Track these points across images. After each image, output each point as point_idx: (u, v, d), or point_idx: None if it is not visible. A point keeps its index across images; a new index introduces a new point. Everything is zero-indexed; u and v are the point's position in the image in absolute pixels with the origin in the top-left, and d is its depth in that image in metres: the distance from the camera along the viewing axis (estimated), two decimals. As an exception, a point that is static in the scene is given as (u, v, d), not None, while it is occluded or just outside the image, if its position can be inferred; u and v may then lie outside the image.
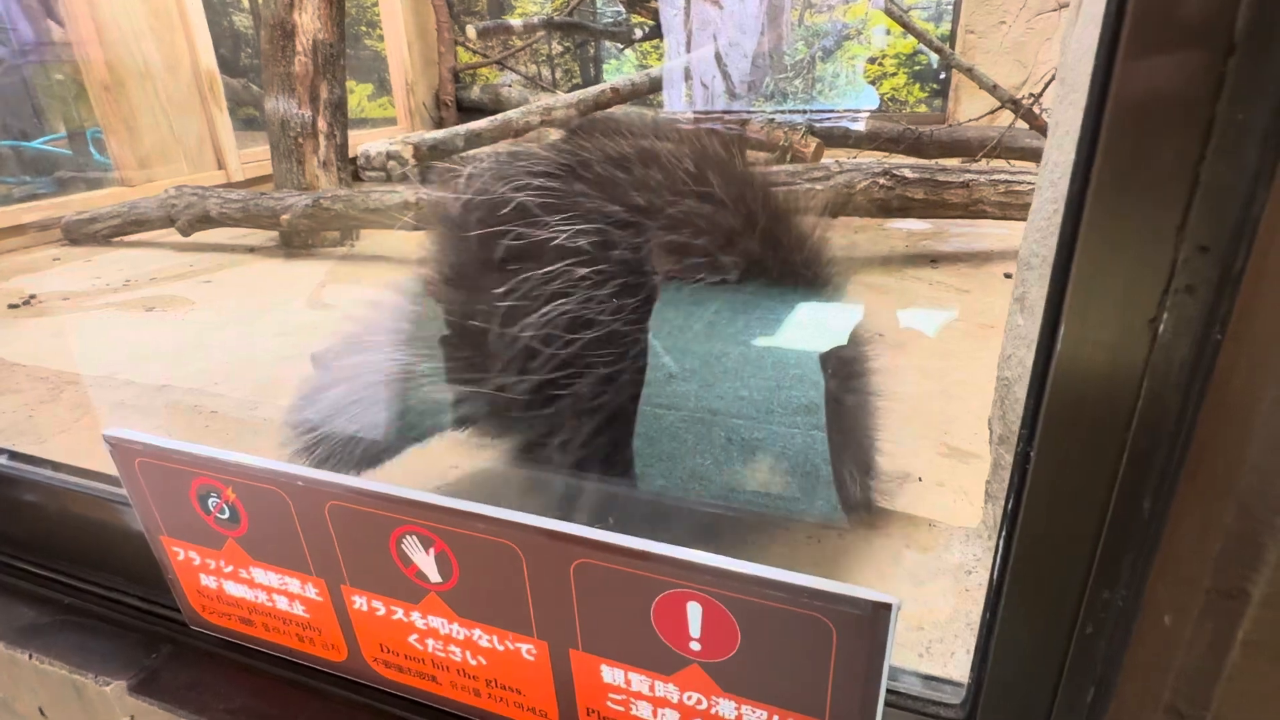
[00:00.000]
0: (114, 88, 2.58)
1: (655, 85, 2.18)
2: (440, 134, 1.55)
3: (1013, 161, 2.46)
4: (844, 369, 0.88)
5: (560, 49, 4.26)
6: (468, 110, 4.02)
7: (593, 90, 1.79)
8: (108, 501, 0.66)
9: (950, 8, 3.55)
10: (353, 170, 3.06)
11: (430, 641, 0.51)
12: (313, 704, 0.56)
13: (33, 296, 1.78)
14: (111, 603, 0.67)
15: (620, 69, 4.51)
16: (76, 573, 0.70)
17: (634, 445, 0.97)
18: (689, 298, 0.97)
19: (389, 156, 3.37)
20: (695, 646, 0.41)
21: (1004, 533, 0.33)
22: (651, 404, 0.99)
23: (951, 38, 3.44)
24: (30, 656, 0.62)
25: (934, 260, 1.87)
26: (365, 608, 0.52)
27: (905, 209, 1.82)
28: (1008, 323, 0.54)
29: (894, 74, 3.72)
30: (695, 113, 1.93)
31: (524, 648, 0.47)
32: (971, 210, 1.80)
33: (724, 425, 1.03)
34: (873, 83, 3.70)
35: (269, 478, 0.49)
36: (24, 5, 3.44)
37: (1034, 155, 2.49)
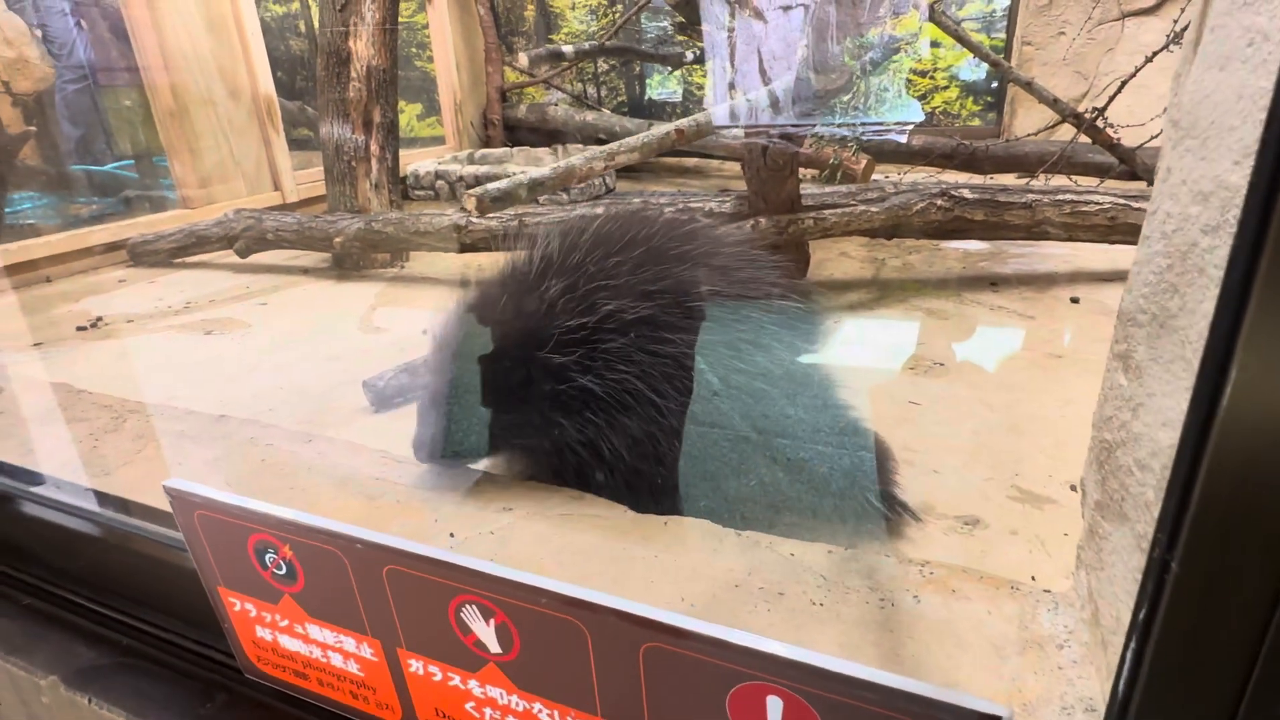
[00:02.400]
0: (179, 113, 2.68)
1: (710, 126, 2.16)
2: (504, 185, 1.54)
3: (1075, 178, 2.37)
4: None
5: (606, 67, 4.28)
6: (514, 129, 4.06)
7: (657, 133, 1.77)
8: (168, 545, 0.66)
9: (1003, 18, 3.46)
10: (402, 189, 3.11)
11: (488, 710, 0.49)
12: (366, 766, 0.54)
13: (99, 319, 1.83)
14: (168, 645, 0.67)
15: (664, 85, 4.51)
16: (135, 613, 0.70)
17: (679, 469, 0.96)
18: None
19: (437, 176, 3.43)
20: (774, 742, 0.38)
21: (1133, 645, 0.29)
22: (696, 423, 0.98)
23: (1007, 49, 3.35)
24: (90, 701, 0.62)
25: (994, 283, 1.81)
26: (422, 671, 0.50)
27: (963, 230, 1.76)
28: (1106, 380, 0.50)
29: (945, 87, 3.64)
30: (745, 128, 1.90)
31: (586, 726, 0.45)
32: (1034, 232, 1.73)
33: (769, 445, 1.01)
34: (922, 97, 3.63)
35: (326, 538, 0.48)
36: (97, 35, 3.61)
37: (1098, 171, 2.39)
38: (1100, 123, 2.23)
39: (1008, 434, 1.11)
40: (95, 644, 0.68)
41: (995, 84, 3.55)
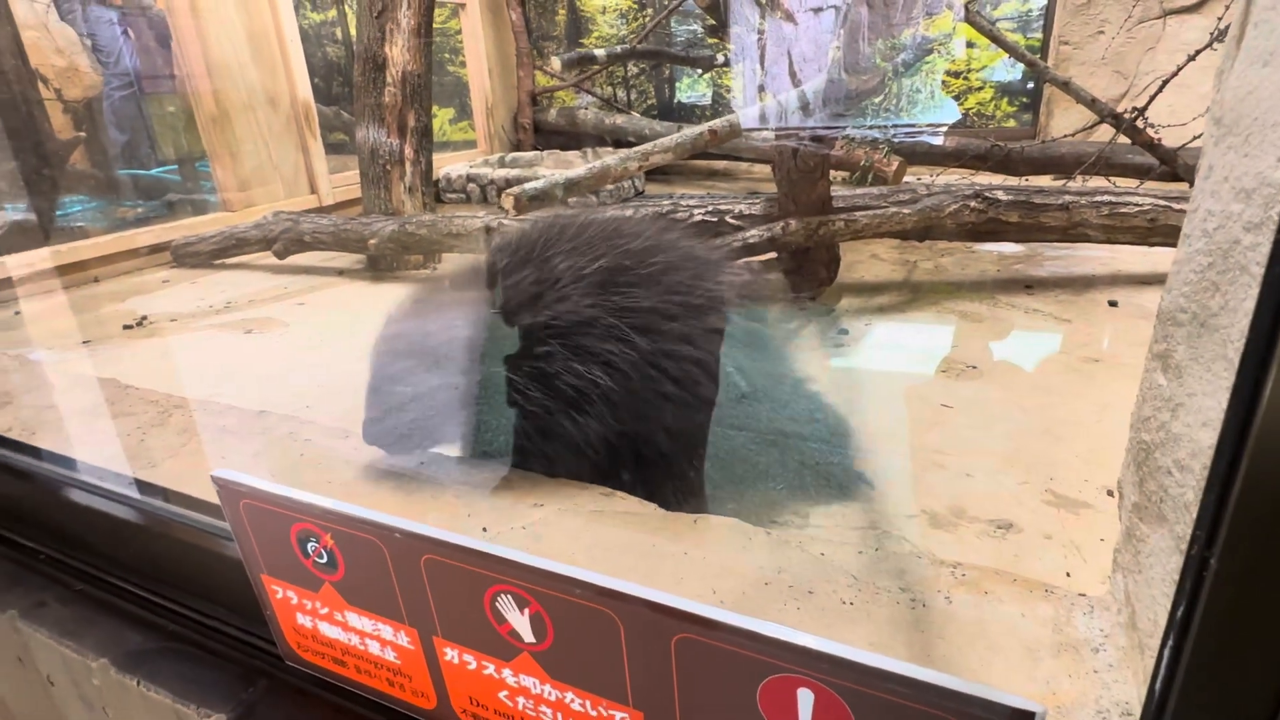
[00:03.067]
0: (220, 119, 2.75)
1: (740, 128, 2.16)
2: (541, 184, 1.57)
3: (1113, 180, 2.33)
4: None
5: (635, 71, 4.30)
6: (544, 132, 4.10)
7: (690, 134, 1.78)
8: (212, 534, 0.68)
9: (1039, 17, 3.41)
10: (435, 193, 3.16)
11: (521, 699, 0.50)
12: (402, 751, 0.56)
13: (144, 318, 1.89)
14: (211, 631, 0.69)
15: (693, 88, 4.51)
16: (180, 600, 0.73)
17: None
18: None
19: (469, 179, 3.47)
20: (804, 734, 0.39)
21: (1171, 642, 0.29)
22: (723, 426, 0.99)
23: (1043, 49, 3.30)
24: (138, 683, 0.64)
25: (1029, 286, 1.78)
26: (457, 660, 0.51)
27: (997, 232, 1.73)
28: (1145, 380, 0.50)
29: (979, 88, 3.59)
30: (776, 130, 1.90)
31: (618, 715, 0.46)
32: (1071, 234, 1.70)
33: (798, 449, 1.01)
34: (956, 98, 3.58)
35: (367, 528, 0.50)
36: (143, 44, 3.72)
37: (1137, 172, 2.34)
38: (1140, 123, 2.19)
39: (1042, 438, 1.09)
40: (143, 629, 0.70)
41: (1031, 84, 3.49)
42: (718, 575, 0.65)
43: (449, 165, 3.53)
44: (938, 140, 2.95)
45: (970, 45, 3.41)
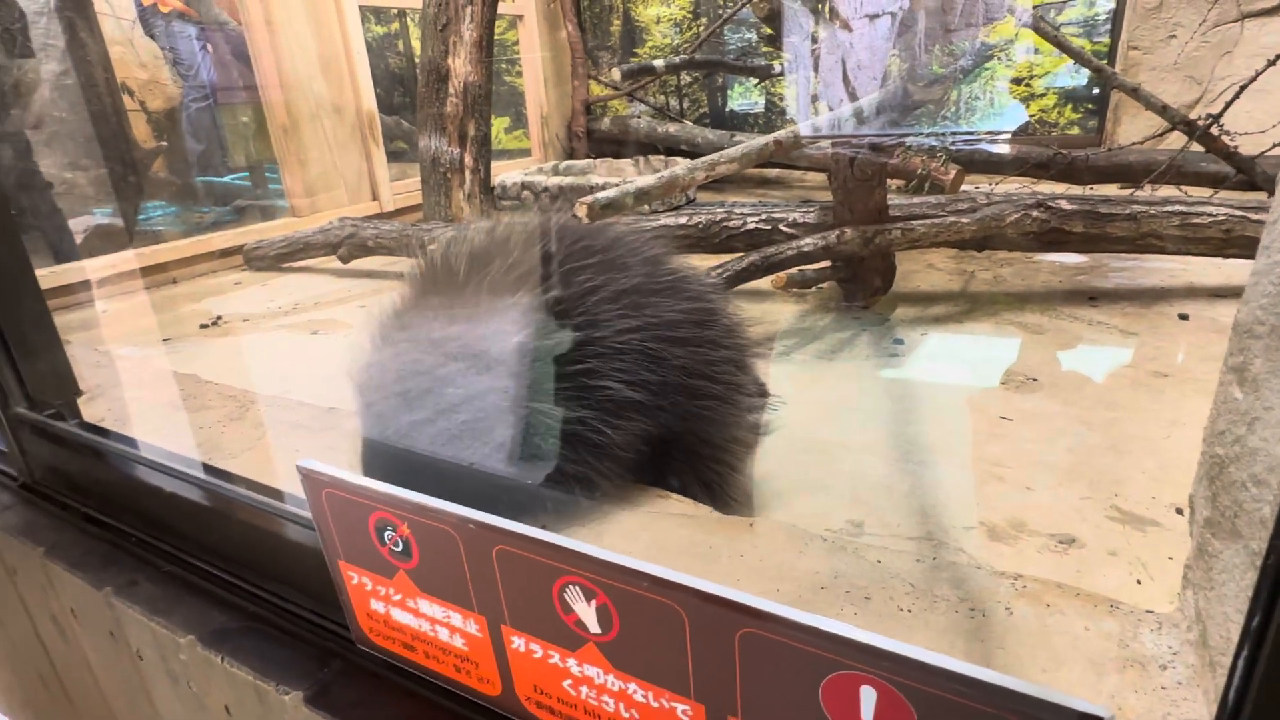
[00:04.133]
0: (290, 128, 2.87)
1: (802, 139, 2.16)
2: (612, 194, 1.60)
3: (1185, 189, 2.24)
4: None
5: (688, 79, 4.32)
6: (597, 141, 4.16)
7: (756, 144, 1.80)
8: (291, 522, 0.72)
9: (1106, 22, 3.31)
10: (491, 199, 3.23)
11: (584, 689, 0.52)
12: (468, 735, 0.58)
13: (219, 318, 1.99)
14: (288, 614, 0.73)
15: (745, 96, 4.51)
16: (259, 583, 0.77)
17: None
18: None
19: (523, 186, 3.54)
20: (866, 732, 0.39)
21: (1244, 661, 0.29)
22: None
23: (1111, 54, 3.20)
24: (222, 659, 0.68)
25: (1093, 298, 1.73)
26: (523, 648, 0.53)
27: (1060, 242, 1.69)
28: (1219, 393, 0.49)
29: (1042, 94, 3.50)
30: (838, 138, 1.89)
31: (680, 708, 0.47)
32: (1139, 245, 1.65)
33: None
34: (1022, 101, 3.50)
35: (443, 518, 0.52)
36: (220, 58, 3.91)
37: (1211, 181, 2.25)
38: (1215, 130, 2.11)
39: (1107, 453, 1.06)
40: (226, 609, 0.75)
41: (1096, 90, 3.39)
42: (774, 578, 0.66)
43: (504, 173, 3.62)
44: (998, 148, 2.89)
45: (1035, 51, 3.34)
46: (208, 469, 0.86)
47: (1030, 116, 3.54)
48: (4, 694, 1.38)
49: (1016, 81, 3.46)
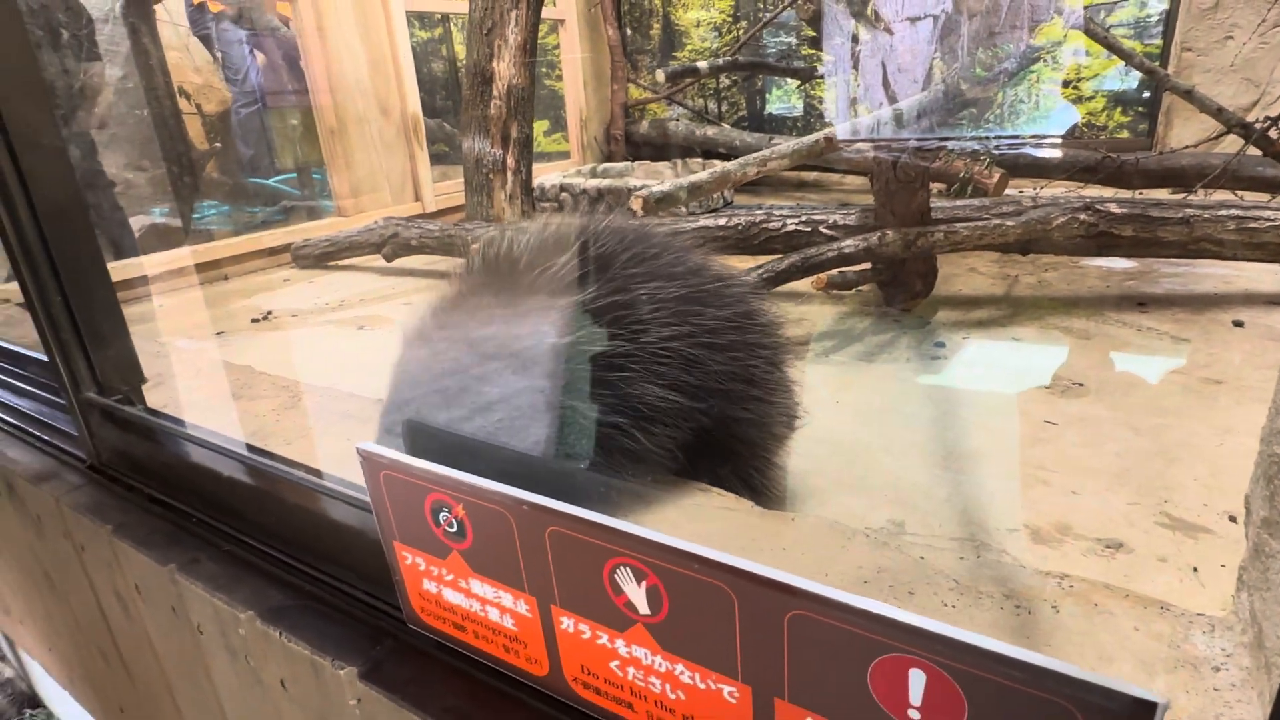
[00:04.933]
0: (338, 130, 2.95)
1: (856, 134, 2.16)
2: (667, 187, 1.62)
3: (1240, 194, 2.18)
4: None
5: (727, 82, 4.32)
6: (636, 144, 4.18)
7: (807, 141, 1.80)
8: (345, 504, 0.75)
9: (1158, 23, 3.23)
10: (531, 201, 3.28)
11: (631, 670, 0.53)
12: (516, 713, 0.60)
13: (269, 313, 2.06)
14: (342, 593, 0.76)
15: (784, 99, 4.50)
16: (313, 563, 0.80)
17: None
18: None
19: (562, 188, 3.58)
20: (914, 715, 0.40)
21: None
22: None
23: (1163, 56, 3.12)
24: (281, 634, 0.71)
25: (1142, 303, 1.69)
26: (572, 629, 0.55)
27: (1109, 247, 1.66)
28: (1279, 392, 0.48)
29: (1090, 97, 3.43)
30: (874, 143, 1.88)
31: (726, 689, 0.48)
32: (1190, 249, 1.61)
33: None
34: (1081, 98, 3.43)
35: (497, 500, 0.54)
36: (270, 62, 4.03)
37: (1269, 186, 2.19)
38: (1274, 133, 2.04)
39: (1156, 459, 1.04)
40: (283, 587, 0.78)
41: (1147, 93, 3.31)
42: (817, 571, 0.67)
43: (543, 175, 3.66)
44: (1045, 153, 2.84)
45: (1085, 54, 3.27)
46: (264, 454, 0.89)
47: (1076, 120, 3.47)
48: (65, 667, 1.44)
49: (1064, 84, 3.39)
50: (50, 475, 1.07)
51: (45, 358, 1.05)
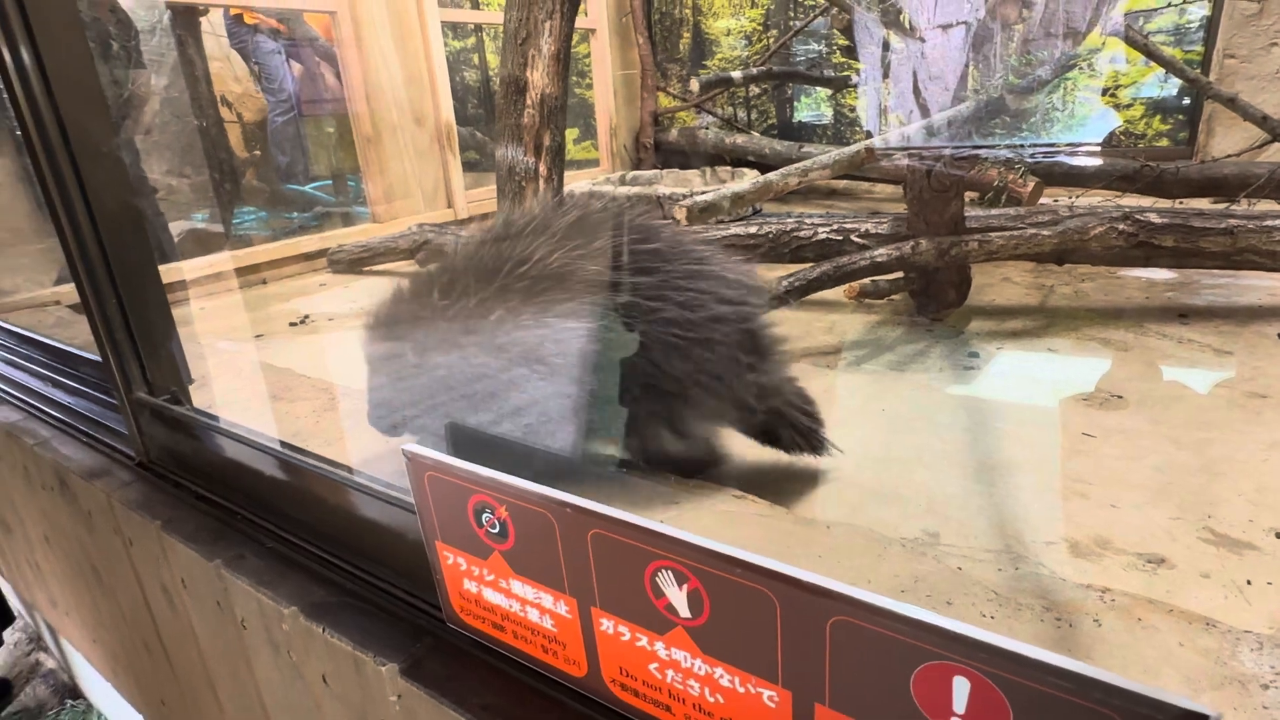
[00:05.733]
0: (374, 139, 3.01)
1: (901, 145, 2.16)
2: (710, 197, 1.64)
3: (1286, 203, 2.13)
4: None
5: (757, 91, 4.32)
6: (665, 151, 4.20)
7: (848, 151, 1.81)
8: (387, 503, 0.76)
9: (1199, 30, 3.17)
10: (560, 209, 3.31)
11: (670, 672, 0.54)
12: (554, 712, 0.61)
13: (306, 316, 2.10)
14: (383, 592, 0.78)
15: (813, 107, 4.49)
16: (355, 561, 0.82)
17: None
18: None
19: (591, 196, 3.61)
20: (958, 724, 0.40)
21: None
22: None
23: (1205, 63, 3.06)
24: (323, 630, 0.73)
25: (1183, 315, 1.66)
26: (611, 631, 0.56)
27: (1148, 257, 1.63)
28: (1331, 406, 0.48)
29: (1128, 105, 3.37)
30: (908, 150, 1.87)
31: (766, 694, 0.48)
32: (1234, 260, 1.58)
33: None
34: (1101, 116, 3.38)
35: (540, 501, 0.55)
36: (307, 71, 4.12)
37: (1315, 196, 2.13)
38: (1321, 142, 2.00)
39: (1198, 474, 1.03)
40: (325, 584, 0.80)
41: (1188, 100, 3.24)
42: (852, 580, 0.67)
43: (573, 182, 3.69)
44: (1079, 160, 2.80)
45: (1123, 60, 3.22)
46: (306, 454, 0.92)
47: (1112, 129, 3.41)
48: (109, 659, 1.48)
49: (1102, 92, 3.34)
50: (102, 472, 1.10)
51: (99, 358, 1.09)
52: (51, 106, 0.94)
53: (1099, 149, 2.96)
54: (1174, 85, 3.26)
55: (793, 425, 1.00)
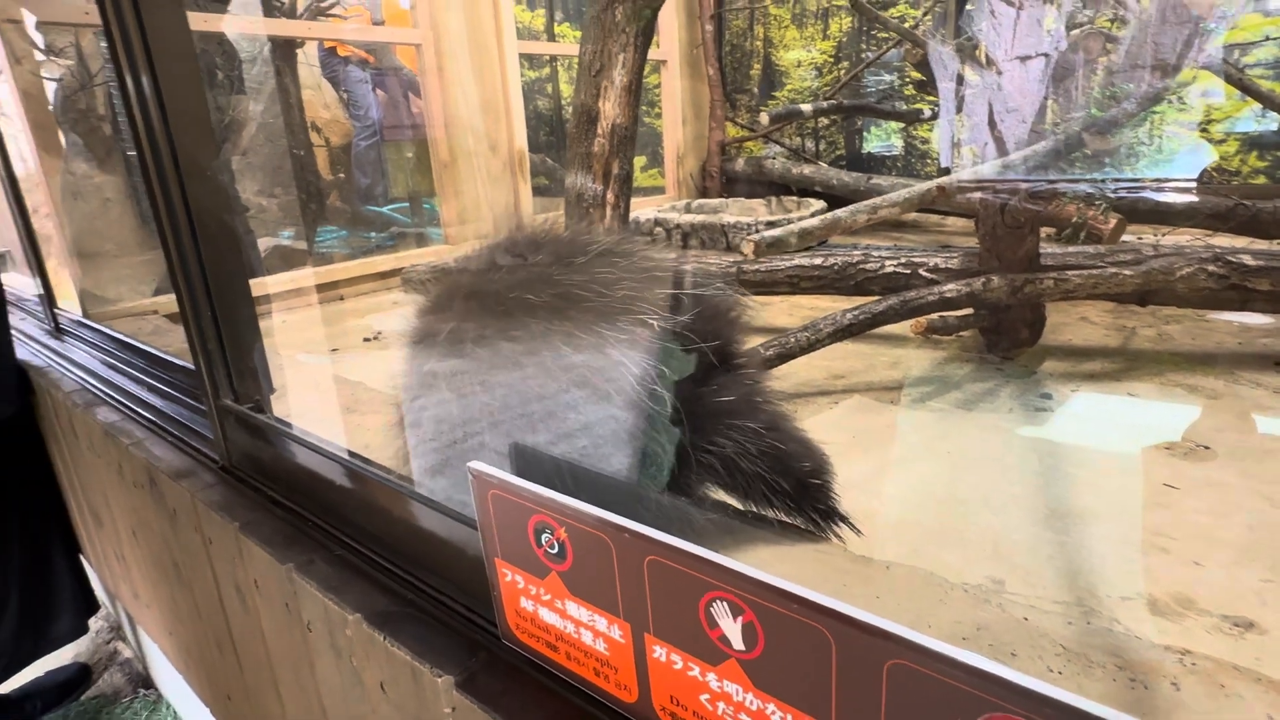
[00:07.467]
0: (450, 164, 3.13)
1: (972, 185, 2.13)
2: (778, 232, 1.66)
3: (1399, 247, 1.99)
4: None
5: (825, 122, 4.32)
6: (731, 180, 4.22)
7: (919, 189, 1.80)
8: (450, 518, 0.79)
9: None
10: (625, 235, 3.36)
11: (721, 704, 0.53)
12: (603, 737, 0.61)
13: (379, 333, 2.19)
14: (442, 605, 0.80)
15: (882, 139, 4.45)
16: (416, 574, 0.84)
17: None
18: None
19: (656, 223, 3.65)
20: (1020, 780, 0.39)
21: None
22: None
23: (1307, 99, 2.90)
24: (385, 638, 0.75)
25: (1279, 363, 1.57)
26: (664, 658, 0.56)
27: (1244, 301, 1.55)
28: None
29: (1221, 140, 3.22)
30: (980, 184, 1.84)
31: (819, 734, 0.48)
32: (1339, 307, 1.48)
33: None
34: (1192, 152, 3.23)
35: (599, 525, 0.56)
36: (391, 98, 4.32)
37: None
38: None
39: (1293, 534, 0.96)
40: (388, 594, 0.82)
41: (1287, 137, 3.08)
42: (912, 623, 0.65)
43: (639, 209, 3.75)
44: (1166, 196, 2.68)
45: (1218, 94, 3.08)
46: (376, 466, 0.95)
47: (1204, 166, 3.26)
48: (182, 652, 1.56)
49: (1195, 127, 3.20)
50: (188, 473, 1.17)
51: (192, 366, 1.17)
52: (165, 130, 1.03)
53: (1194, 185, 2.83)
54: (1272, 120, 3.11)
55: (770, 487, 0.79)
